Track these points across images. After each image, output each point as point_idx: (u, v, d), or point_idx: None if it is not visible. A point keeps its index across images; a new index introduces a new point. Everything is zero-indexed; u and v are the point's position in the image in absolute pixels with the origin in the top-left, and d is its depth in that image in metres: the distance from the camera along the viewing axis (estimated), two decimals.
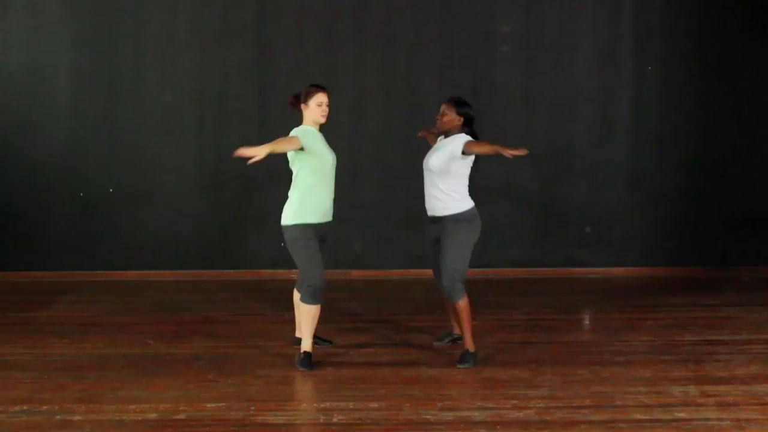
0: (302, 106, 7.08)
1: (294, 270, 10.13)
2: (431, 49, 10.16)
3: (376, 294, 9.53)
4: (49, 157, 10.00)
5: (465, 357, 6.97)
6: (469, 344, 7.01)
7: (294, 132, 6.97)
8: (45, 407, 6.07)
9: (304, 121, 7.12)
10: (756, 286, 9.80)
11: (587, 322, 8.61)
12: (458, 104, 7.21)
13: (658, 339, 7.78)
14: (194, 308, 8.86)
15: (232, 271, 10.12)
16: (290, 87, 9.97)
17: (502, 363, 7.08)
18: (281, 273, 10.17)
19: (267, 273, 10.18)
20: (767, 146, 10.36)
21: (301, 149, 6.88)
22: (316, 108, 7.07)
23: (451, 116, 7.18)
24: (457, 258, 7.02)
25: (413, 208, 10.17)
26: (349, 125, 10.19)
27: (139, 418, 5.93)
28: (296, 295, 7.43)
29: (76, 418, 5.90)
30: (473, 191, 10.21)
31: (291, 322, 8.34)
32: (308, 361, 6.90)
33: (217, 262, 10.14)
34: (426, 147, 10.11)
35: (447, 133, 7.23)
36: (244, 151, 6.42)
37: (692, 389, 6.48)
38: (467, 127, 7.22)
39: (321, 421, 5.87)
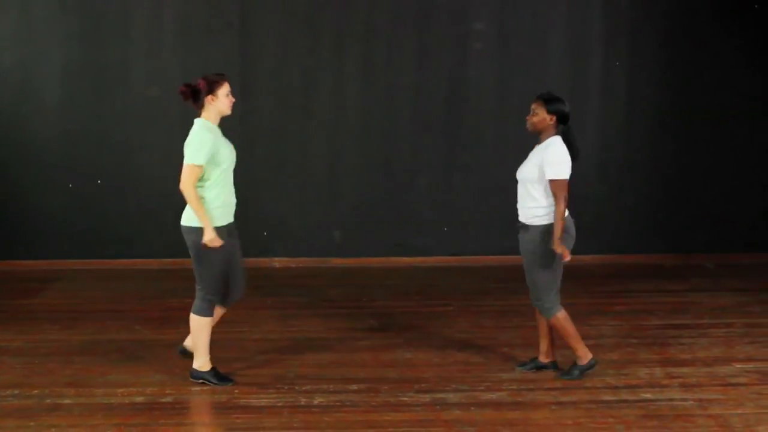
0: (209, 97, 6.17)
1: (276, 258, 10.20)
2: (408, 45, 10.14)
3: (356, 281, 9.53)
4: (39, 149, 9.92)
5: (570, 369, 6.40)
6: (578, 356, 6.36)
7: (197, 139, 6.13)
8: (36, 391, 6.07)
9: (206, 113, 6.23)
10: (718, 272, 9.86)
11: None
12: (548, 101, 6.28)
13: (625, 323, 7.83)
14: (180, 295, 8.77)
15: None
16: (272, 81, 10.03)
17: (476, 347, 7.11)
18: (263, 261, 10.15)
19: (251, 261, 10.11)
20: (728, 139, 10.41)
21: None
22: (225, 99, 6.22)
23: (542, 115, 6.25)
24: (539, 276, 6.29)
25: (392, 198, 10.23)
26: (330, 117, 10.17)
27: (127, 401, 5.94)
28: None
29: (66, 401, 5.90)
30: (453, 183, 10.29)
31: (274, 308, 8.37)
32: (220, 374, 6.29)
33: None
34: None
35: (540, 135, 6.31)
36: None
37: (658, 371, 6.54)
38: (562, 125, 6.30)
39: (302, 403, 5.90)
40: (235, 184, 10.15)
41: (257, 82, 10.03)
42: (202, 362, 6.22)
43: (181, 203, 6.32)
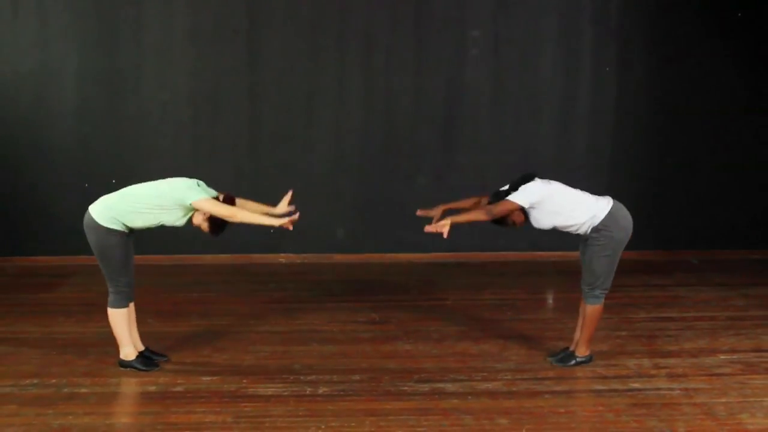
0: (201, 211, 6.10)
1: (282, 254, 10.21)
2: (407, 51, 10.13)
3: (358, 276, 9.53)
4: (56, 151, 9.92)
5: (566, 356, 6.49)
6: (580, 349, 6.46)
7: (193, 186, 6.17)
8: (54, 380, 6.08)
9: (193, 203, 6.08)
10: (702, 268, 9.86)
11: (550, 301, 8.65)
12: (495, 220, 6.30)
13: (614, 316, 7.81)
14: (191, 290, 8.83)
15: (225, 255, 10.10)
16: (277, 85, 10.02)
17: (473, 339, 7.11)
18: (270, 257, 10.16)
19: (257, 257, 10.16)
20: (712, 140, 10.41)
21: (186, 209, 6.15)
22: (197, 218, 6.16)
23: (514, 218, 6.29)
24: (599, 265, 6.22)
25: (392, 197, 10.23)
26: (332, 119, 10.17)
27: (140, 391, 5.95)
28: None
29: (83, 390, 5.92)
30: (450, 183, 10.28)
31: (280, 302, 8.36)
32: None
33: (210, 247, 10.10)
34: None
35: (525, 217, 6.30)
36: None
37: (645, 362, 6.54)
38: (530, 181, 6.31)
39: (307, 392, 5.90)
40: (242, 183, 10.23)
41: (263, 87, 10.03)
42: (126, 352, 6.34)
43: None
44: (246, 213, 6.16)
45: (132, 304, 6.43)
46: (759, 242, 10.51)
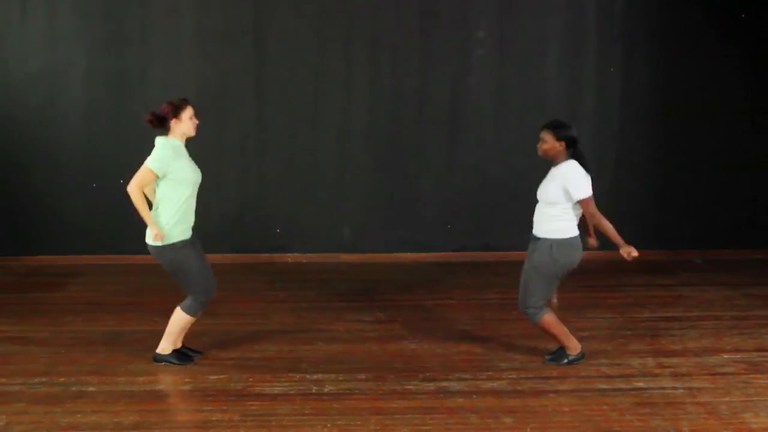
0: (173, 120, 6.22)
1: (289, 254, 10.23)
2: (412, 52, 10.14)
3: (364, 276, 9.54)
4: (64, 151, 9.96)
5: (558, 355, 6.49)
6: (569, 349, 6.43)
7: (159, 150, 6.19)
8: (62, 379, 6.09)
9: (172, 134, 6.26)
10: (706, 267, 9.86)
11: (555, 301, 8.63)
12: (556, 128, 6.23)
13: (619, 316, 7.82)
14: None
15: (231, 255, 10.11)
16: (284, 87, 10.04)
17: (477, 338, 7.11)
18: (276, 257, 10.18)
19: (263, 257, 10.18)
20: (716, 141, 10.41)
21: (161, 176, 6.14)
22: (189, 121, 6.27)
23: (551, 143, 6.23)
24: (535, 284, 6.25)
25: (397, 197, 10.24)
26: (339, 120, 10.19)
27: (148, 389, 5.96)
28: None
29: (90, 389, 5.93)
30: (454, 183, 10.29)
31: (286, 301, 8.37)
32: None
33: (218, 246, 10.12)
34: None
35: (553, 159, 6.32)
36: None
37: (649, 361, 6.54)
38: (570, 149, 6.28)
39: (313, 391, 5.91)
40: (250, 183, 10.25)
41: (270, 87, 10.04)
42: (165, 347, 6.43)
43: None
44: (144, 210, 6.13)
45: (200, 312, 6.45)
46: (762, 242, 10.51)
